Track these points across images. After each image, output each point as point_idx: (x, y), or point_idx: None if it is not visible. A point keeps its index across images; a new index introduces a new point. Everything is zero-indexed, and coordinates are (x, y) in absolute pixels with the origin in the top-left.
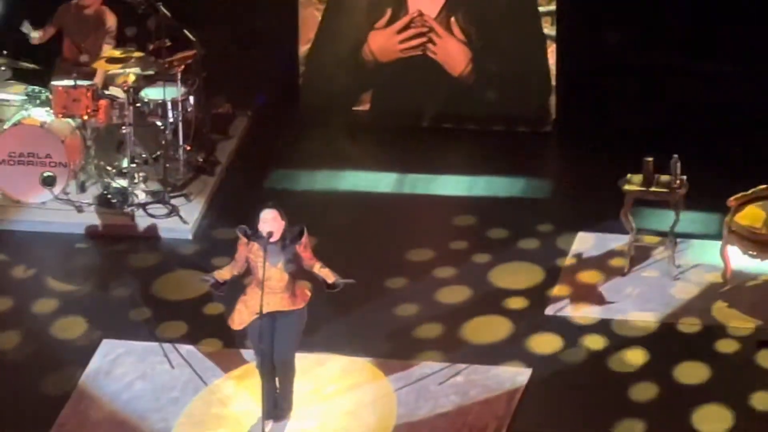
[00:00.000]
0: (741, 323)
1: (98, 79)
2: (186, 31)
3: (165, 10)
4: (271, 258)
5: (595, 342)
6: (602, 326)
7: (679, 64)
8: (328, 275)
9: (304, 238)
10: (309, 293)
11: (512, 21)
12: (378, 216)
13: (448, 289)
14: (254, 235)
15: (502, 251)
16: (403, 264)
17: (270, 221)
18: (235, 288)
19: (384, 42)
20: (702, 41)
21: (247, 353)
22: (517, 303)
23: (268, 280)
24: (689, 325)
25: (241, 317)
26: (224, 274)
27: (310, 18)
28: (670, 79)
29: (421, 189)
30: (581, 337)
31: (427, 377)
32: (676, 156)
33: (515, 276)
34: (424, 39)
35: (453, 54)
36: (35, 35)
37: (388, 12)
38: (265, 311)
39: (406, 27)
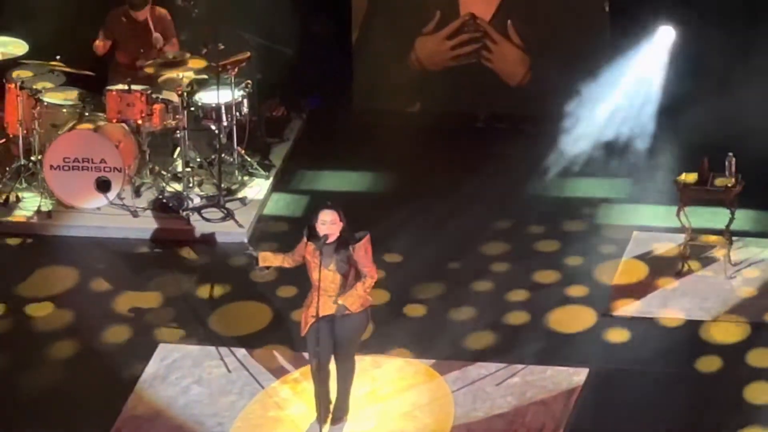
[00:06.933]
0: None
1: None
2: (241, 34)
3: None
4: (324, 259)
5: (651, 341)
6: (658, 325)
7: (734, 60)
8: (354, 301)
9: (362, 242)
10: (369, 297)
11: (576, 21)
12: (429, 216)
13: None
14: (312, 236)
15: (554, 251)
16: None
17: (328, 222)
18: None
19: (433, 49)
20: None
21: (305, 356)
22: (574, 301)
23: (321, 282)
24: (745, 324)
25: (306, 321)
26: (270, 258)
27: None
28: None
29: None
30: (637, 336)
31: (483, 378)
32: (731, 154)
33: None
34: (477, 45)
35: (510, 61)
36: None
37: (437, 15)
38: (321, 314)
39: (457, 32)
